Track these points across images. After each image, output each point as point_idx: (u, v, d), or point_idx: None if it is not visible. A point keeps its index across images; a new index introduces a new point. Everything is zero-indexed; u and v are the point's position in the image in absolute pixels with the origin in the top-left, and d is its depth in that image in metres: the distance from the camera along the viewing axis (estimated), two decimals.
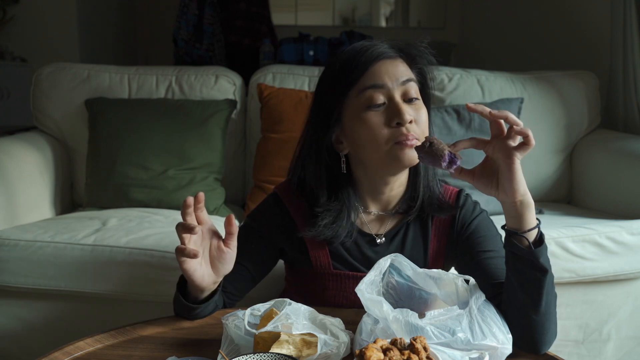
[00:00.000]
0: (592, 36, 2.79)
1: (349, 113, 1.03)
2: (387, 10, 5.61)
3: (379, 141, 1.00)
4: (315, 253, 1.11)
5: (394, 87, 1.01)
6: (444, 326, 0.86)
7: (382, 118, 1.00)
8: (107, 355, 0.94)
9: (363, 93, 1.01)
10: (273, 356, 0.80)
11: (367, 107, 1.01)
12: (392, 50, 1.04)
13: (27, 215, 1.88)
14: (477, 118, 2.02)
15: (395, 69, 1.02)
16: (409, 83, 1.02)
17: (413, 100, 1.02)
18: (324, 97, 1.07)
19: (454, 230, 1.12)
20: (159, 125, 2.01)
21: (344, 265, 1.11)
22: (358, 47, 1.04)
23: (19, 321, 1.65)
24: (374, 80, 1.01)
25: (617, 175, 2.01)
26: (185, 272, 0.95)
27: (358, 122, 1.02)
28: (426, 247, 1.12)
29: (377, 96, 1.01)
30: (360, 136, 1.02)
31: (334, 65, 1.06)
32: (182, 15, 3.90)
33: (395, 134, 1.00)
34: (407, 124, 1.00)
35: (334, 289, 1.11)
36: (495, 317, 0.89)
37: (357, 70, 1.01)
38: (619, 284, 1.72)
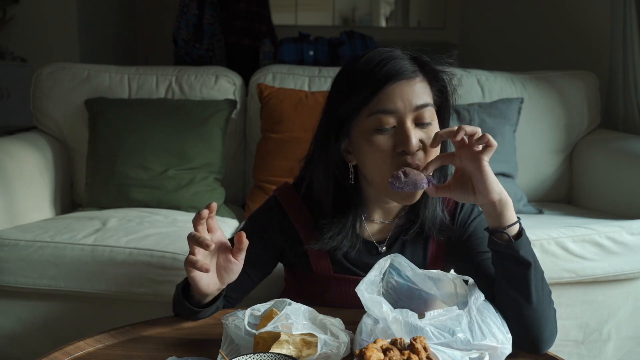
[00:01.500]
0: (592, 36, 2.79)
1: (358, 130, 0.99)
2: (387, 10, 5.61)
3: (383, 167, 0.98)
4: (315, 258, 1.11)
5: (407, 112, 0.96)
6: (444, 326, 0.86)
7: (389, 142, 0.96)
8: (107, 355, 0.94)
9: (374, 115, 0.96)
10: (273, 356, 0.80)
11: (376, 129, 0.97)
12: (412, 67, 0.98)
13: (27, 215, 1.88)
14: (477, 118, 2.02)
15: (411, 92, 0.96)
16: (425, 108, 0.97)
17: (426, 125, 0.98)
18: (335, 107, 1.02)
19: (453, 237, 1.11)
20: (159, 125, 2.01)
21: (344, 270, 1.10)
22: (377, 58, 0.97)
23: (19, 321, 1.65)
24: (386, 104, 0.96)
25: (617, 175, 2.01)
26: (192, 279, 0.95)
27: (365, 143, 0.98)
28: (426, 250, 1.12)
29: (388, 120, 0.96)
30: (365, 157, 1.00)
31: (350, 72, 1.01)
32: (182, 15, 3.90)
33: (398, 162, 0.96)
34: (414, 152, 0.96)
35: (335, 293, 1.11)
36: (494, 317, 0.89)
37: (370, 88, 0.96)
38: (619, 284, 1.72)
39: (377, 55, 0.99)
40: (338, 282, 1.10)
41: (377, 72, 0.96)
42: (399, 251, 1.10)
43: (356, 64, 1.00)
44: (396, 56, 0.98)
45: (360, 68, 0.98)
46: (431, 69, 1.00)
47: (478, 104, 2.07)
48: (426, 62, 1.00)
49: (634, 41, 2.26)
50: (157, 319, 1.06)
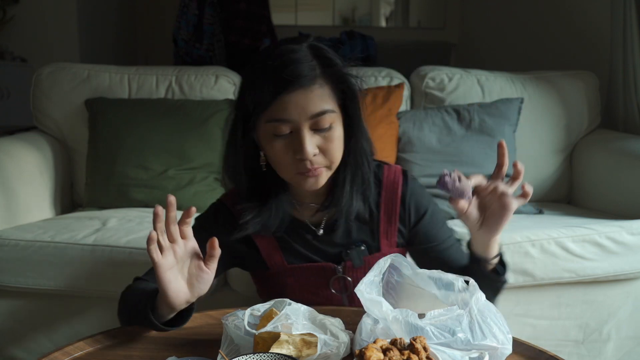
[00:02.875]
0: (592, 36, 2.79)
1: (260, 129, 0.99)
2: (387, 10, 5.62)
3: (284, 168, 1.00)
4: (267, 252, 1.11)
5: (302, 121, 0.95)
6: (444, 326, 0.86)
7: (287, 147, 0.97)
8: (107, 355, 0.94)
9: (270, 123, 0.96)
10: (273, 356, 0.80)
11: (274, 135, 0.97)
12: (311, 73, 0.95)
13: (27, 215, 1.88)
14: (477, 118, 2.02)
15: (307, 100, 0.94)
16: (322, 116, 0.95)
17: (324, 129, 0.97)
18: (241, 102, 1.01)
19: (405, 211, 1.12)
20: (159, 125, 2.01)
21: (297, 259, 1.11)
22: (278, 60, 0.95)
23: (18, 321, 1.65)
24: (281, 114, 0.95)
25: (617, 175, 2.01)
26: (161, 282, 0.90)
27: (267, 144, 0.99)
28: (377, 228, 1.12)
29: (283, 128, 0.96)
30: (269, 155, 1.01)
31: (255, 70, 0.99)
32: (182, 15, 3.90)
33: (299, 167, 0.98)
34: (311, 158, 0.96)
35: (293, 284, 1.12)
36: (495, 318, 0.89)
37: (266, 96, 0.95)
38: (619, 284, 1.72)
39: (279, 56, 0.96)
40: (293, 272, 1.11)
41: (275, 77, 0.94)
42: (344, 231, 1.10)
43: (262, 62, 0.97)
44: (298, 59, 0.95)
45: (263, 70, 0.96)
46: (334, 72, 0.98)
47: (478, 104, 2.07)
48: (330, 64, 0.98)
49: (634, 41, 2.26)
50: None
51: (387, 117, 2.00)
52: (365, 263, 1.10)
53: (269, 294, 1.14)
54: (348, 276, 1.11)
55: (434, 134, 2.01)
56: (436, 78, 2.18)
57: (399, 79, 2.18)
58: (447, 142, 2.00)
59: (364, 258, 1.10)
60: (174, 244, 0.91)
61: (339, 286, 1.12)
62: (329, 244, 1.11)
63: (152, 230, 0.88)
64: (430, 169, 1.98)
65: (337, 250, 1.11)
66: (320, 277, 1.12)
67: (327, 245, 1.11)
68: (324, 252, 1.10)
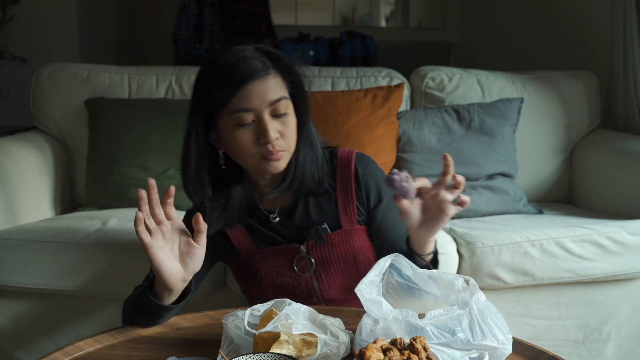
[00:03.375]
0: (592, 36, 2.79)
1: (222, 126, 1.09)
2: (387, 10, 5.61)
3: (248, 156, 1.09)
4: (236, 239, 1.19)
5: (263, 107, 1.06)
6: (444, 326, 0.86)
7: (251, 135, 1.07)
8: (107, 355, 0.94)
9: (235, 114, 1.06)
10: (273, 356, 0.80)
11: (238, 125, 1.06)
12: (264, 65, 1.07)
13: (27, 215, 1.88)
14: (477, 118, 2.02)
15: (265, 89, 1.06)
16: (279, 102, 1.07)
17: (282, 115, 1.08)
18: (199, 104, 1.10)
19: (360, 188, 1.19)
20: (159, 125, 2.01)
21: (265, 243, 1.19)
22: (232, 61, 1.06)
23: (19, 321, 1.65)
24: (243, 103, 1.05)
25: (617, 175, 2.01)
26: (153, 262, 0.95)
27: (230, 137, 1.08)
28: (335, 206, 1.18)
29: (247, 117, 1.06)
30: (232, 148, 1.10)
31: (211, 72, 1.09)
32: (182, 15, 3.90)
33: (262, 151, 1.07)
34: (273, 142, 1.07)
35: (264, 268, 1.19)
36: (495, 318, 0.89)
37: (228, 90, 1.05)
38: (619, 284, 1.72)
39: (233, 56, 1.07)
40: (262, 256, 1.19)
41: (233, 73, 1.05)
42: (304, 213, 1.18)
43: (215, 64, 1.08)
44: (249, 56, 1.07)
45: (219, 69, 1.07)
46: (282, 64, 1.10)
47: (478, 104, 2.07)
48: (278, 58, 1.09)
49: (634, 41, 2.26)
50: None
51: (387, 117, 2.00)
52: (327, 240, 1.17)
53: (245, 283, 1.25)
54: (312, 255, 1.17)
55: (433, 134, 2.01)
56: (436, 78, 2.18)
57: (399, 79, 2.18)
58: (447, 142, 2.00)
59: (326, 235, 1.16)
60: (161, 225, 0.97)
61: (303, 266, 1.18)
62: (291, 226, 1.18)
63: (138, 211, 0.94)
64: (430, 169, 1.98)
65: (299, 231, 1.18)
66: (286, 259, 1.18)
67: (289, 229, 1.18)
68: (288, 235, 1.18)
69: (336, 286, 1.19)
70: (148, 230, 0.95)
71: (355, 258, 1.18)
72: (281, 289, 1.19)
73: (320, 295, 1.20)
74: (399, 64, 2.54)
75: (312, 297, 1.20)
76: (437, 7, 5.27)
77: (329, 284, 1.19)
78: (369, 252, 1.21)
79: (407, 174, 0.99)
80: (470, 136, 2.01)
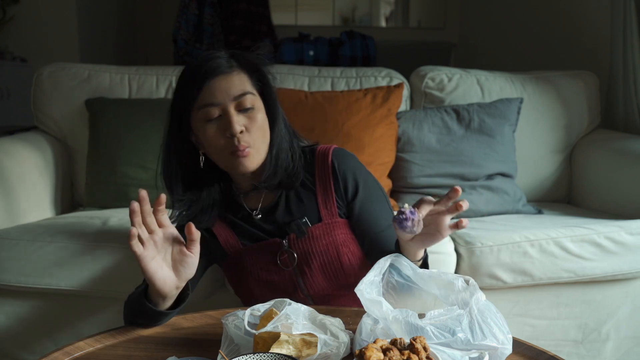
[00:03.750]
0: (592, 36, 2.79)
1: (194, 123, 1.14)
2: (387, 10, 5.62)
3: (218, 150, 1.13)
4: (224, 238, 1.22)
5: (227, 102, 1.11)
6: (444, 326, 0.86)
7: (219, 130, 1.12)
8: (107, 355, 0.94)
9: (202, 109, 1.12)
10: (273, 356, 0.80)
11: (206, 120, 1.12)
12: (228, 63, 1.13)
13: (27, 215, 1.88)
14: (477, 118, 2.02)
15: (229, 84, 1.11)
16: (244, 96, 1.12)
17: (247, 110, 1.12)
18: (174, 104, 1.16)
19: (338, 181, 1.20)
20: (159, 125, 1.98)
21: (250, 240, 1.22)
22: (199, 61, 1.13)
23: (19, 321, 1.65)
24: (209, 98, 1.11)
25: (617, 175, 2.01)
26: (146, 273, 0.95)
27: (201, 132, 1.13)
28: (315, 200, 1.21)
29: (213, 111, 1.11)
30: (205, 144, 1.14)
31: (182, 74, 1.15)
32: (182, 15, 3.91)
33: (229, 145, 1.12)
34: (238, 135, 1.11)
35: (251, 265, 1.21)
36: (495, 318, 0.89)
37: (195, 87, 1.11)
38: (618, 284, 1.72)
39: (200, 58, 1.14)
40: (247, 253, 1.21)
41: (198, 71, 1.11)
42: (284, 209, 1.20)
43: (187, 66, 1.15)
44: (215, 56, 1.13)
45: (189, 70, 1.14)
46: (246, 62, 1.15)
47: (477, 104, 2.07)
48: (241, 56, 1.15)
49: (634, 41, 2.26)
50: None
51: (386, 117, 2.00)
52: (308, 234, 1.18)
53: (236, 282, 1.27)
54: (294, 249, 1.19)
55: (433, 134, 2.01)
56: (436, 78, 2.18)
57: (399, 79, 2.19)
58: (447, 142, 2.00)
59: (307, 229, 1.18)
60: (153, 234, 0.98)
61: (286, 260, 1.20)
62: (273, 223, 1.21)
63: (132, 227, 0.95)
64: (430, 169, 1.98)
65: (281, 227, 1.20)
66: (270, 254, 1.20)
67: (271, 225, 1.21)
68: (270, 231, 1.21)
69: (320, 280, 1.20)
70: (140, 241, 0.95)
71: (338, 251, 1.18)
72: (268, 285, 1.21)
73: (305, 289, 1.21)
74: (399, 64, 2.54)
75: (298, 292, 1.21)
76: (437, 7, 5.27)
77: (312, 278, 1.20)
78: (352, 246, 1.21)
79: (413, 210, 0.96)
80: (470, 136, 2.01)
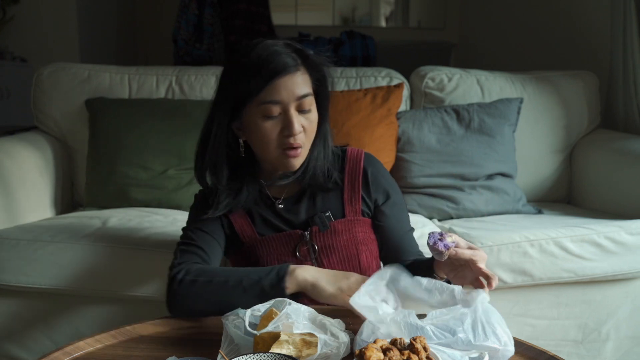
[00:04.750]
0: (592, 36, 2.79)
1: (248, 115, 1.13)
2: (387, 10, 5.62)
3: (270, 147, 1.13)
4: (240, 226, 1.22)
5: (290, 101, 1.10)
6: (445, 326, 0.85)
7: (276, 127, 1.12)
8: (107, 355, 0.94)
9: (263, 105, 1.10)
10: (273, 356, 0.80)
11: (265, 116, 1.11)
12: (294, 62, 1.11)
13: (27, 215, 1.88)
14: (477, 118, 2.02)
15: (294, 84, 1.10)
16: (305, 98, 1.12)
17: (306, 111, 1.13)
18: (228, 93, 1.14)
19: (367, 180, 1.24)
20: (159, 125, 2.01)
21: (267, 230, 1.22)
22: (264, 54, 1.10)
23: (19, 320, 1.65)
24: (272, 96, 1.10)
25: (617, 175, 2.01)
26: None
27: (255, 127, 1.12)
28: (341, 196, 1.23)
29: (274, 109, 1.11)
30: (255, 138, 1.14)
31: (242, 65, 1.12)
32: (182, 15, 3.90)
33: (283, 142, 1.12)
34: (297, 134, 1.12)
35: (266, 255, 1.21)
36: (500, 319, 0.88)
37: (259, 82, 1.09)
38: (618, 284, 1.72)
39: (264, 50, 1.11)
40: (264, 243, 1.21)
41: (264, 67, 1.09)
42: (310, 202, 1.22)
43: (248, 56, 1.11)
44: (280, 51, 1.11)
45: (251, 62, 1.10)
46: (311, 62, 1.14)
47: (477, 104, 2.08)
48: (307, 56, 1.14)
49: (634, 41, 2.26)
50: (157, 318, 1.06)
51: (386, 117, 2.00)
52: (330, 228, 1.20)
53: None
54: (315, 242, 1.20)
55: (433, 134, 2.01)
56: (436, 78, 2.18)
57: (399, 79, 2.19)
58: (447, 142, 2.00)
59: (330, 223, 1.20)
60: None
61: (306, 252, 1.20)
62: (296, 214, 1.22)
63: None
64: (430, 169, 1.98)
65: (303, 219, 1.22)
66: (289, 245, 1.21)
67: (294, 216, 1.22)
68: (291, 223, 1.22)
69: None
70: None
71: (358, 249, 1.20)
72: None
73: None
74: (399, 64, 2.54)
75: None
76: (437, 7, 5.27)
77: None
78: (371, 245, 1.24)
79: (448, 241, 0.98)
80: (470, 136, 2.01)
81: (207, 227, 1.20)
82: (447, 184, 1.97)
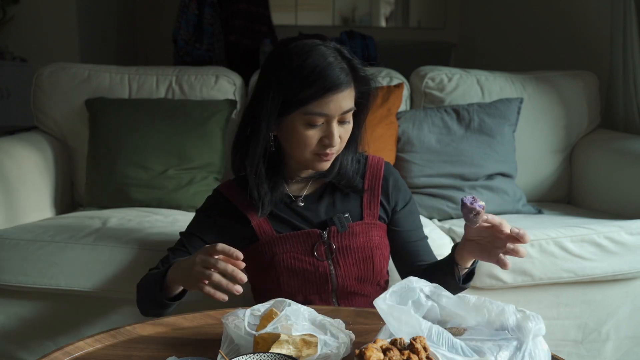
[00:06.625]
0: (592, 36, 2.79)
1: (291, 119, 1.15)
2: (387, 10, 5.62)
3: (306, 151, 1.16)
4: (257, 223, 1.23)
5: (335, 115, 1.13)
6: (477, 349, 0.79)
7: (316, 135, 1.15)
8: (107, 355, 0.94)
9: (309, 115, 1.13)
10: (273, 356, 0.80)
11: (307, 124, 1.14)
12: (346, 78, 1.13)
13: (27, 215, 1.88)
14: (477, 118, 2.02)
15: (343, 101, 1.13)
16: (348, 112, 1.15)
17: (346, 122, 1.17)
18: (275, 92, 1.14)
19: (387, 185, 1.29)
20: (159, 125, 2.01)
21: (285, 228, 1.24)
22: (320, 66, 1.11)
23: (19, 321, 1.65)
24: (321, 108, 1.12)
25: (617, 175, 2.01)
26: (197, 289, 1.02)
27: (295, 131, 1.15)
28: (361, 199, 1.27)
29: (319, 120, 1.14)
30: (292, 140, 1.17)
31: (295, 67, 1.12)
32: (182, 15, 3.91)
33: (319, 148, 1.16)
34: (337, 145, 1.16)
35: (282, 253, 1.21)
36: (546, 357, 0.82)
37: (311, 94, 1.11)
38: (618, 284, 1.72)
39: (320, 61, 1.11)
40: (281, 241, 1.22)
41: (319, 80, 1.11)
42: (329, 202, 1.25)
43: (303, 64, 1.11)
44: (335, 65, 1.12)
45: (306, 72, 1.11)
46: (360, 77, 1.16)
47: (477, 104, 2.08)
48: (357, 69, 1.16)
49: (634, 41, 2.26)
50: (157, 319, 1.06)
51: (386, 117, 2.00)
52: (348, 229, 1.22)
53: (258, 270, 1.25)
54: (332, 242, 1.21)
55: (433, 134, 2.01)
56: (436, 78, 2.18)
57: (399, 79, 2.19)
58: (447, 142, 2.00)
59: (348, 224, 1.22)
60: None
61: (323, 252, 1.21)
62: (315, 213, 1.24)
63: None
64: (429, 169, 1.98)
65: (322, 219, 1.24)
66: (306, 244, 1.22)
67: (313, 215, 1.24)
68: (310, 222, 1.23)
69: (352, 275, 1.22)
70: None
71: (372, 252, 1.22)
72: (297, 274, 1.21)
73: (336, 282, 1.22)
74: (399, 64, 2.54)
75: (328, 284, 1.22)
76: (437, 7, 5.27)
77: (345, 272, 1.22)
78: (384, 250, 1.26)
79: (481, 206, 1.02)
80: (470, 136, 2.01)
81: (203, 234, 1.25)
82: (447, 184, 1.97)
